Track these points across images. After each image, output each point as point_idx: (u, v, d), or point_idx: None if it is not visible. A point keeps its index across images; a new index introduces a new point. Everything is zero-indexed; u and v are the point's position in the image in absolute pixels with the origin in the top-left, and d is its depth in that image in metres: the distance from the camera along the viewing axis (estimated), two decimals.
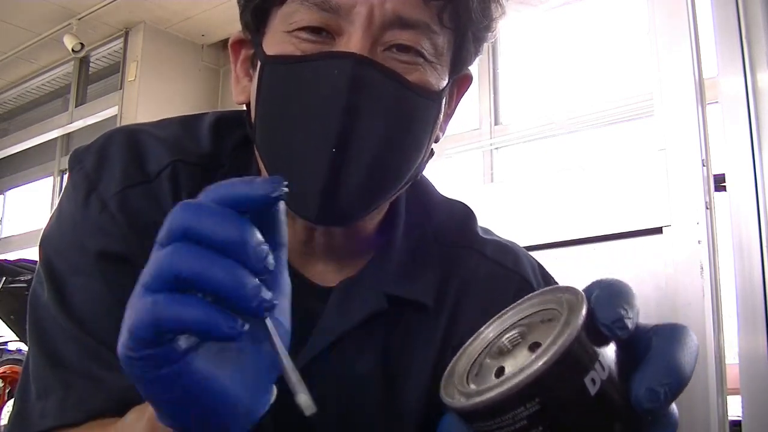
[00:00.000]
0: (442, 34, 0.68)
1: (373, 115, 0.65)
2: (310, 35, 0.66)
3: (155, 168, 0.73)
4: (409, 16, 0.66)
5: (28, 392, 0.68)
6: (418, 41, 0.67)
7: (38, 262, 0.72)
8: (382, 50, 0.66)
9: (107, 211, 0.69)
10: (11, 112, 5.53)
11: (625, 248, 1.84)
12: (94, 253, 0.68)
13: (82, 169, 0.72)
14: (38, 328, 0.69)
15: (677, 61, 1.80)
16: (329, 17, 0.65)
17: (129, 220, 0.69)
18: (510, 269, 0.81)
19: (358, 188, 0.66)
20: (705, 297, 1.67)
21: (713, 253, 1.69)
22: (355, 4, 0.65)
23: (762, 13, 1.69)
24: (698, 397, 1.63)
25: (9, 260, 3.29)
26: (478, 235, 0.83)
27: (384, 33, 0.66)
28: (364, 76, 0.64)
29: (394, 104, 0.66)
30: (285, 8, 0.67)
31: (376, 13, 0.65)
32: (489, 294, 0.78)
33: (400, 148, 0.68)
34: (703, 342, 1.65)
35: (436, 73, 0.69)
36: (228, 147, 0.77)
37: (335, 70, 0.64)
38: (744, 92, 1.68)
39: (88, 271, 0.68)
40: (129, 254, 0.68)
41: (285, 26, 0.67)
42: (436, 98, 0.70)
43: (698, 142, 1.74)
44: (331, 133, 0.64)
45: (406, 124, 0.68)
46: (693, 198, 1.73)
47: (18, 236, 5.05)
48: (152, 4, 4.02)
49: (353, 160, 0.65)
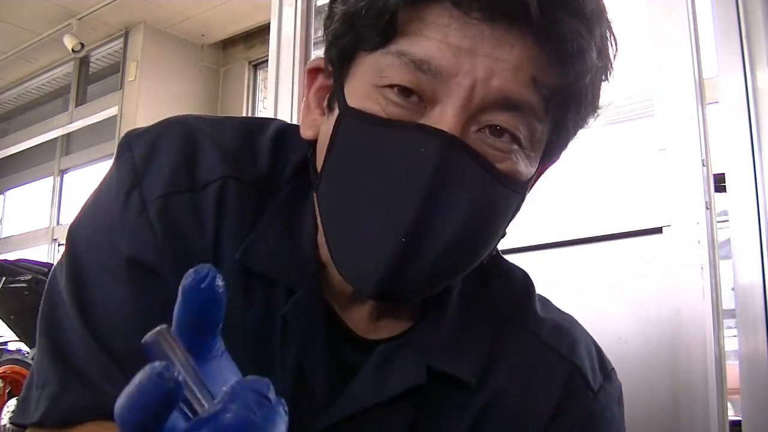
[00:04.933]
0: (544, 121, 0.62)
1: (454, 205, 0.59)
2: (399, 97, 0.60)
3: (205, 178, 0.68)
4: (517, 97, 0.59)
5: (32, 380, 0.67)
6: (516, 125, 0.60)
7: (65, 248, 0.68)
8: (476, 130, 0.60)
9: (145, 215, 0.65)
10: (11, 112, 5.53)
11: (625, 248, 1.84)
12: (124, 257, 0.65)
13: (131, 158, 0.68)
14: (51, 317, 0.66)
15: (677, 61, 1.80)
16: (425, 80, 0.58)
17: (165, 230, 0.65)
18: (563, 356, 0.74)
19: (421, 277, 0.61)
20: (705, 297, 1.67)
21: (713, 253, 1.69)
22: (458, 73, 0.58)
23: (762, 13, 1.69)
24: (698, 397, 1.63)
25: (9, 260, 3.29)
26: (536, 314, 0.76)
27: (482, 112, 0.59)
28: (454, 160, 0.58)
29: (479, 196, 0.60)
30: (378, 57, 0.60)
31: (479, 89, 0.58)
32: (536, 382, 0.72)
33: (474, 240, 0.63)
34: (703, 342, 1.65)
35: (528, 161, 0.63)
36: (288, 171, 0.71)
37: (423, 148, 0.57)
38: (744, 92, 1.68)
39: (115, 273, 0.65)
40: (158, 266, 0.64)
41: (374, 78, 0.61)
42: (522, 189, 0.65)
43: (698, 142, 1.74)
44: (404, 219, 0.58)
45: (487, 216, 0.62)
46: (693, 198, 1.73)
47: (18, 236, 5.05)
48: (152, 4, 4.02)
49: (422, 250, 0.59)
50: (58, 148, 4.90)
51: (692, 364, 1.66)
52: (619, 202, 1.87)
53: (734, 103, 1.69)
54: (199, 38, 4.39)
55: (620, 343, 1.78)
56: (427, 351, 0.68)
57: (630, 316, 1.79)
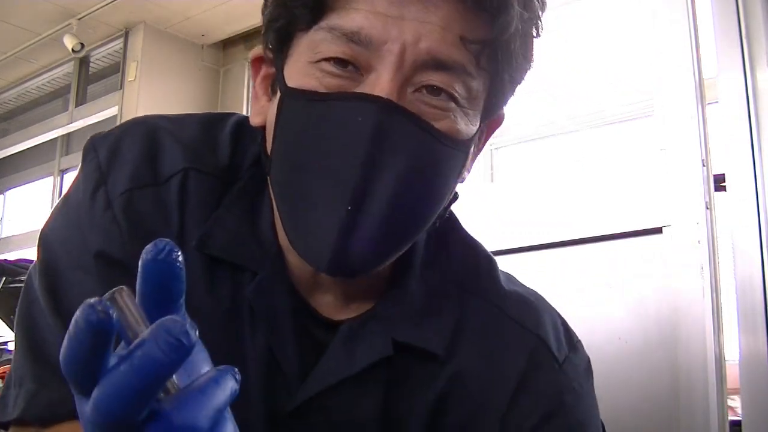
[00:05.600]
0: (478, 78, 0.63)
1: (396, 168, 0.60)
2: (335, 68, 0.61)
3: (167, 171, 0.70)
4: (446, 57, 0.61)
5: (11, 379, 0.67)
6: (451, 84, 0.61)
7: (37, 246, 0.70)
8: (412, 91, 0.61)
9: (111, 211, 0.67)
10: (11, 112, 5.53)
11: (625, 248, 1.84)
12: (93, 252, 0.67)
13: (96, 159, 0.70)
14: (27, 316, 0.68)
15: (677, 61, 1.80)
16: (358, 50, 0.60)
17: (130, 224, 0.67)
18: (528, 328, 0.75)
19: (374, 244, 0.62)
20: (705, 297, 1.67)
21: (713, 253, 1.69)
22: (387, 39, 0.59)
23: (762, 13, 1.69)
24: (698, 397, 1.63)
25: (9, 260, 3.29)
26: (501, 287, 0.77)
27: (416, 73, 0.61)
28: (390, 124, 0.59)
29: (419, 156, 0.61)
30: (311, 35, 0.62)
31: (409, 52, 0.60)
32: (501, 352, 0.73)
33: (421, 201, 0.64)
34: (703, 342, 1.65)
35: (467, 119, 0.64)
36: (247, 160, 0.73)
37: (359, 116, 0.59)
38: (744, 92, 1.68)
39: (86, 268, 0.67)
40: (126, 259, 0.65)
41: (309, 55, 0.62)
42: (465, 147, 0.65)
43: (698, 142, 1.74)
44: (349, 186, 0.59)
45: (430, 177, 0.63)
46: (693, 198, 1.73)
47: (18, 236, 5.05)
48: (152, 4, 4.02)
49: (370, 216, 0.60)
50: (58, 148, 4.89)
51: (692, 364, 1.66)
52: (619, 202, 1.87)
53: (734, 103, 1.69)
54: (199, 38, 4.39)
55: (620, 343, 1.78)
56: (393, 324, 0.70)
57: (630, 316, 1.79)
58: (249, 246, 0.70)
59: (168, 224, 0.69)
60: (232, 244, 0.69)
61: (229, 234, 0.69)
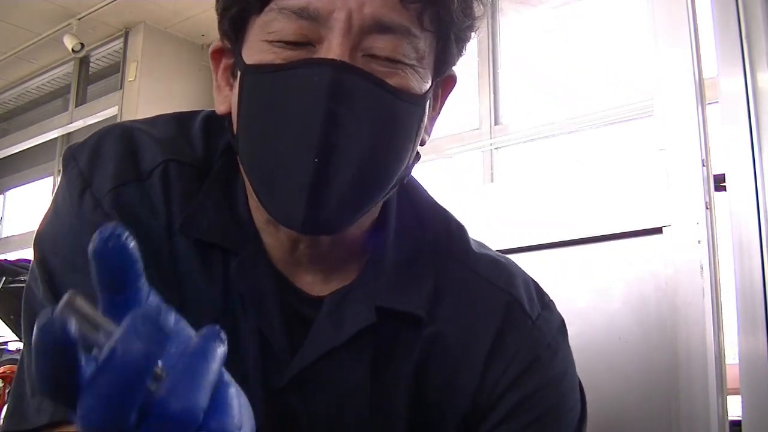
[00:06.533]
0: (423, 38, 0.67)
1: (355, 122, 0.64)
2: (289, 46, 0.65)
3: (148, 166, 0.72)
4: (389, 20, 0.65)
5: (24, 389, 0.68)
6: (398, 46, 0.66)
7: (33, 259, 0.72)
8: (362, 56, 0.65)
9: (101, 209, 0.69)
10: (11, 112, 5.53)
11: (625, 248, 1.84)
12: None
13: (76, 167, 0.72)
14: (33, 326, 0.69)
15: (677, 61, 1.80)
16: (308, 25, 0.64)
17: (122, 218, 0.69)
18: (500, 288, 0.78)
19: (343, 196, 0.65)
20: (705, 297, 1.67)
21: (713, 253, 1.69)
22: (333, 9, 0.64)
23: (762, 13, 1.69)
24: (698, 397, 1.63)
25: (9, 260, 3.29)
26: (472, 251, 0.81)
27: (363, 38, 0.65)
28: (345, 81, 0.63)
29: (376, 109, 0.65)
30: (263, 17, 0.66)
31: (355, 18, 0.64)
32: (477, 312, 0.76)
33: (383, 154, 0.68)
34: (703, 342, 1.65)
35: (418, 76, 0.68)
36: (218, 149, 0.76)
37: (315, 77, 0.63)
38: (744, 92, 1.68)
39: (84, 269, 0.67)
40: None
41: (263, 35, 0.66)
42: (419, 102, 0.69)
43: (698, 142, 1.74)
44: (312, 142, 0.63)
45: (389, 129, 0.67)
46: (693, 198, 1.73)
47: (18, 236, 5.05)
48: (152, 4, 4.02)
49: (336, 169, 0.64)
50: (58, 148, 4.89)
51: (692, 364, 1.66)
52: (619, 202, 1.87)
53: (734, 103, 1.69)
54: (199, 38, 4.39)
55: (620, 343, 1.78)
56: (374, 292, 0.73)
57: (630, 316, 1.79)
58: (229, 228, 0.73)
59: (156, 216, 0.71)
60: (214, 227, 0.72)
61: (209, 218, 0.72)
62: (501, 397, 0.74)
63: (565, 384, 0.78)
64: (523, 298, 0.78)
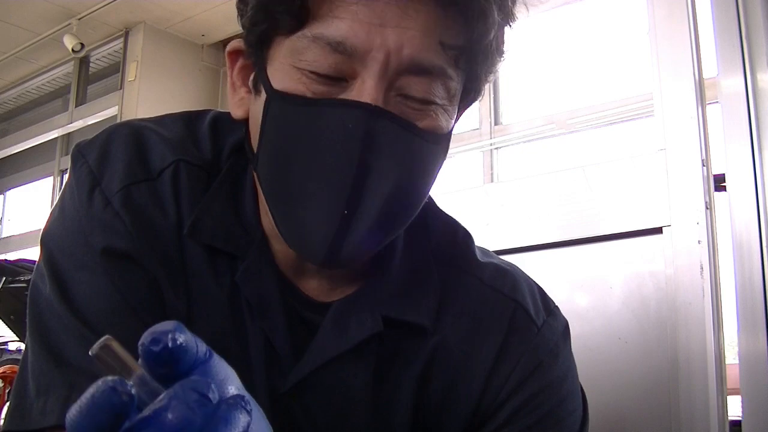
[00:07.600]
0: (456, 77, 0.66)
1: (385, 169, 0.63)
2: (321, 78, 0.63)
3: (158, 165, 0.72)
4: (428, 63, 0.63)
5: (27, 389, 0.67)
6: (432, 88, 0.64)
7: (39, 257, 0.71)
8: (395, 95, 0.64)
9: (111, 207, 0.69)
10: (11, 112, 5.53)
11: (625, 248, 1.84)
12: (98, 250, 0.67)
13: (86, 164, 0.71)
14: (40, 324, 0.68)
15: (677, 61, 1.80)
16: (343, 60, 0.62)
17: (133, 217, 0.68)
18: (506, 295, 0.78)
19: (366, 239, 0.65)
20: (705, 297, 1.67)
21: (713, 253, 1.69)
22: (371, 48, 0.61)
23: (762, 13, 1.69)
24: (698, 397, 1.63)
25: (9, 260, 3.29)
26: (477, 260, 0.81)
27: (398, 78, 0.63)
28: (378, 129, 0.62)
29: (406, 156, 0.64)
30: (295, 41, 0.63)
31: (393, 59, 0.62)
32: (482, 320, 0.76)
33: (409, 198, 0.67)
34: (703, 342, 1.65)
35: (447, 115, 0.67)
36: (225, 151, 0.76)
37: (350, 124, 0.61)
38: (744, 92, 1.68)
39: (92, 267, 0.67)
40: (133, 251, 0.67)
41: (294, 60, 0.64)
42: (445, 141, 0.68)
43: (698, 142, 1.74)
44: (343, 192, 0.62)
45: (417, 173, 0.67)
46: (693, 198, 1.73)
47: (18, 236, 5.05)
48: (152, 4, 4.02)
49: (362, 214, 0.63)
50: (58, 148, 4.89)
51: (692, 364, 1.66)
52: (619, 202, 1.87)
53: (734, 103, 1.69)
54: (199, 38, 4.39)
55: (620, 343, 1.78)
56: (381, 301, 0.73)
57: (630, 316, 1.79)
58: (235, 233, 0.73)
59: (166, 216, 0.71)
60: (219, 231, 0.72)
61: (215, 222, 0.72)
62: (503, 402, 0.74)
63: (566, 387, 0.78)
64: (529, 304, 0.78)
